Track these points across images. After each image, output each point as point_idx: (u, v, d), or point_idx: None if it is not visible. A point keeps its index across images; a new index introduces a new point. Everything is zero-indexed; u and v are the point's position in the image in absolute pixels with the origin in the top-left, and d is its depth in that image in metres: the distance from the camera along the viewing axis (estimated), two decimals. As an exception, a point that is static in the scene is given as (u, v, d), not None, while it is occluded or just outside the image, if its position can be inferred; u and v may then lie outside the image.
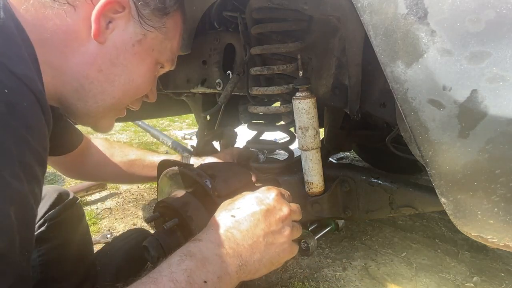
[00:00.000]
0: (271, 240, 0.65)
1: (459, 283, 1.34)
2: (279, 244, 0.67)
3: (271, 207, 0.69)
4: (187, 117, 4.99)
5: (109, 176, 1.24)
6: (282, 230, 0.67)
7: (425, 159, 0.59)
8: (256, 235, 0.64)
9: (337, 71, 0.98)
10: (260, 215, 0.66)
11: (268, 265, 0.66)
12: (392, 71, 0.57)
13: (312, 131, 0.97)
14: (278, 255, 0.67)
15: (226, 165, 1.08)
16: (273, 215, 0.67)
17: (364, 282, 1.35)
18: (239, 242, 0.62)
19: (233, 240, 0.62)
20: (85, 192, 2.19)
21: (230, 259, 0.60)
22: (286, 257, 0.70)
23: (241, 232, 0.64)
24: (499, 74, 0.49)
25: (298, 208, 0.76)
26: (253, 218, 0.66)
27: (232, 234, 0.63)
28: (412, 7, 0.53)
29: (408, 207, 0.98)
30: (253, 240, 0.63)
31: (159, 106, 2.04)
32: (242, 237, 0.63)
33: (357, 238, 1.68)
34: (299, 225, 0.75)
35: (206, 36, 1.28)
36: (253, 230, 0.64)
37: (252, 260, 0.63)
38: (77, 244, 1.01)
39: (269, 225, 0.66)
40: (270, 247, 0.65)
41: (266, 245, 0.65)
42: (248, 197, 0.72)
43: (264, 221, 0.66)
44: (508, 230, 0.57)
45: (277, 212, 0.68)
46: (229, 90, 1.17)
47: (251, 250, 0.63)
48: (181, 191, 1.04)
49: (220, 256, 0.59)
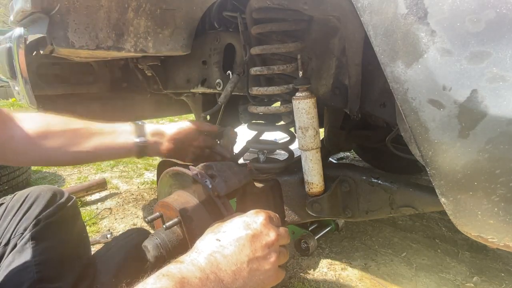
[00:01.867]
0: (255, 266, 0.63)
1: (459, 283, 1.34)
2: (264, 270, 0.65)
3: (257, 232, 0.67)
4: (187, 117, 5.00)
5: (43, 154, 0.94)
6: (268, 256, 0.65)
7: (425, 159, 0.59)
8: (240, 261, 0.62)
9: (337, 71, 0.98)
10: (246, 240, 0.65)
11: None
12: (392, 71, 0.57)
13: (312, 131, 0.97)
14: (262, 282, 0.65)
15: (226, 165, 1.08)
16: (259, 241, 0.66)
17: (364, 282, 1.35)
18: (221, 267, 0.61)
19: (216, 265, 0.61)
20: (85, 192, 2.19)
21: (211, 283, 0.58)
22: (271, 284, 0.67)
23: (225, 257, 0.62)
24: (499, 74, 0.49)
25: (286, 232, 0.73)
26: (238, 243, 0.64)
27: (216, 258, 0.62)
28: (412, 7, 0.53)
29: (408, 207, 0.98)
30: (236, 266, 0.62)
31: (159, 106, 2.04)
32: (225, 262, 0.62)
33: (357, 238, 1.68)
34: (286, 250, 0.72)
35: (206, 36, 1.28)
36: (238, 256, 0.63)
37: (234, 286, 0.61)
38: (73, 243, 1.00)
39: (255, 251, 0.64)
40: (254, 274, 0.63)
41: (250, 272, 0.62)
42: (235, 221, 0.70)
43: (250, 247, 0.64)
44: (508, 230, 0.57)
45: (264, 238, 0.66)
46: (229, 90, 1.17)
47: (234, 276, 0.61)
48: (181, 191, 1.05)
49: (200, 279, 0.57)
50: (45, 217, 0.94)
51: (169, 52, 1.15)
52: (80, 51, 0.99)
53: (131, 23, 1.04)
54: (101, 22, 0.99)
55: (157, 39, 1.10)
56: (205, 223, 0.98)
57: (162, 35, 1.11)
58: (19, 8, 0.91)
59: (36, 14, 0.91)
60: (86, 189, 2.19)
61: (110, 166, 2.90)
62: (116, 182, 2.54)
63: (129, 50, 1.06)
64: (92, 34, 0.98)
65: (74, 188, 2.20)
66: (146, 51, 1.09)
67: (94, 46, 0.99)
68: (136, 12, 1.03)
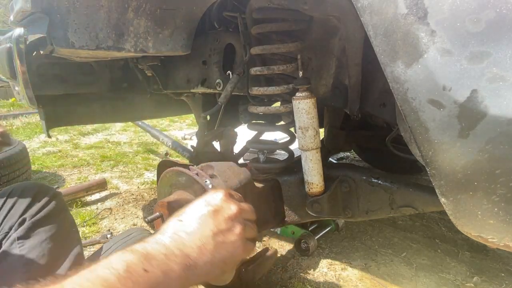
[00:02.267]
0: (221, 239, 0.64)
1: (459, 283, 1.34)
2: (231, 242, 0.65)
3: (218, 207, 0.67)
4: (187, 117, 5.00)
5: None
6: (233, 228, 0.66)
7: (425, 159, 0.59)
8: (205, 235, 0.63)
9: (337, 71, 0.98)
10: (207, 216, 0.65)
11: (221, 265, 0.64)
12: (392, 71, 0.57)
13: (312, 131, 0.97)
14: (231, 254, 0.65)
15: (226, 165, 1.08)
16: (221, 214, 0.66)
17: (364, 282, 1.35)
18: (186, 244, 0.61)
19: (180, 242, 0.61)
20: (85, 192, 2.19)
21: (177, 258, 0.58)
22: (240, 255, 0.68)
23: (189, 234, 0.63)
24: (499, 74, 0.49)
25: (250, 207, 0.74)
26: (201, 220, 0.65)
27: (180, 236, 0.62)
28: (412, 7, 0.53)
29: (408, 207, 0.98)
30: (201, 241, 0.62)
31: (159, 106, 2.04)
32: (190, 239, 0.62)
33: (357, 238, 1.68)
34: (253, 224, 0.73)
35: (206, 36, 1.28)
36: (201, 231, 0.63)
37: (202, 261, 0.61)
38: (62, 239, 0.97)
39: (218, 224, 0.65)
40: (221, 246, 0.64)
41: (216, 245, 0.63)
42: (196, 202, 0.71)
43: (213, 221, 0.65)
44: (508, 230, 0.57)
45: (225, 211, 0.67)
46: (229, 90, 1.17)
47: (200, 251, 0.61)
48: (181, 191, 1.04)
49: (165, 255, 0.58)
50: (31, 215, 0.91)
51: (169, 52, 1.15)
52: (80, 51, 0.99)
53: (131, 23, 1.04)
54: (101, 22, 0.99)
55: (157, 39, 1.10)
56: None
57: (162, 35, 1.11)
58: (19, 8, 0.91)
59: (36, 14, 0.91)
60: (86, 189, 2.19)
61: (110, 166, 2.91)
62: (116, 182, 2.54)
63: (129, 50, 1.06)
64: (92, 34, 0.98)
65: (74, 188, 2.20)
66: (146, 51, 1.09)
67: (94, 46, 0.99)
68: (136, 12, 1.03)
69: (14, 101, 6.26)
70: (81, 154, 3.29)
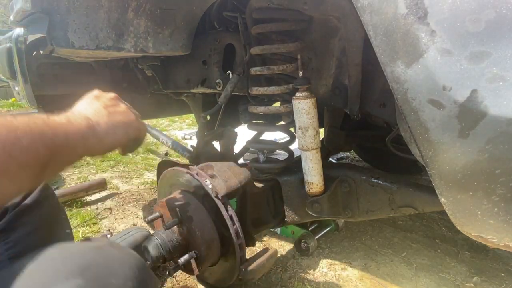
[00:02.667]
0: (112, 109, 0.72)
1: (459, 283, 1.34)
2: (122, 111, 0.73)
3: (97, 94, 0.75)
4: (187, 117, 4.99)
5: None
6: (118, 104, 0.74)
7: (425, 159, 0.59)
8: (97, 108, 0.70)
9: (337, 71, 0.98)
10: (92, 99, 0.73)
11: (121, 127, 0.71)
12: (392, 71, 0.57)
13: (312, 131, 0.97)
14: (126, 119, 0.73)
15: (226, 165, 1.08)
16: (103, 97, 0.74)
17: (364, 282, 1.35)
18: (82, 112, 0.68)
19: (77, 112, 0.68)
20: (85, 192, 2.19)
21: (74, 115, 0.65)
22: (136, 123, 0.75)
23: (83, 110, 0.70)
24: (499, 74, 0.49)
25: None
26: (87, 103, 0.72)
27: (75, 111, 0.69)
28: (412, 7, 0.53)
29: (408, 207, 0.98)
30: (96, 110, 0.69)
31: (159, 106, 2.04)
32: (85, 111, 0.69)
33: (357, 238, 1.68)
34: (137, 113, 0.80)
35: (206, 36, 1.28)
36: (91, 106, 0.71)
37: (102, 121, 0.68)
38: (50, 227, 0.93)
39: (103, 103, 0.72)
40: (114, 113, 0.71)
41: (109, 113, 0.70)
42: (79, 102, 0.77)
43: (98, 102, 0.72)
44: (508, 230, 0.57)
45: (105, 95, 0.75)
46: (229, 90, 1.17)
47: (96, 115, 0.68)
48: (181, 191, 1.05)
49: (67, 117, 0.64)
50: (12, 205, 0.87)
51: (169, 52, 1.15)
52: (80, 51, 0.99)
53: (131, 23, 1.04)
54: (101, 22, 0.99)
55: (157, 39, 1.10)
56: (205, 223, 0.98)
57: (162, 35, 1.11)
58: (19, 8, 0.91)
59: (36, 14, 0.91)
60: (86, 189, 2.19)
61: (110, 166, 2.91)
62: (116, 182, 2.54)
63: (129, 50, 1.06)
64: (92, 34, 0.98)
65: (74, 188, 2.20)
66: (146, 51, 1.09)
67: (94, 46, 0.99)
68: (136, 12, 1.03)
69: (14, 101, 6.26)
70: (81, 154, 3.28)
